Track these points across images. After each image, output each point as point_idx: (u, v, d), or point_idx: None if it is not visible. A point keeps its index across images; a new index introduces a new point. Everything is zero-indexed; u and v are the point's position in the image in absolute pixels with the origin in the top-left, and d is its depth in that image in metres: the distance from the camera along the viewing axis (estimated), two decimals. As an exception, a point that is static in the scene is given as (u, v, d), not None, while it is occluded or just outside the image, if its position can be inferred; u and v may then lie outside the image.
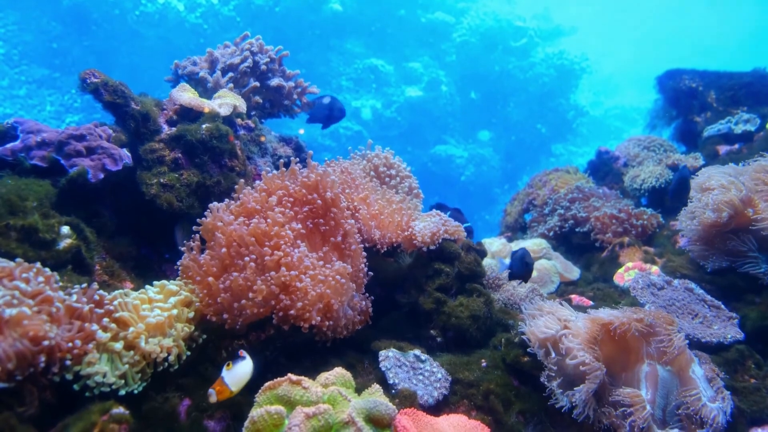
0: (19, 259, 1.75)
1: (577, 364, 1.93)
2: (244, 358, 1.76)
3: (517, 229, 4.63)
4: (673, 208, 3.75)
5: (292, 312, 2.01)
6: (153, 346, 1.82)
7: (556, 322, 2.14)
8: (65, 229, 2.17)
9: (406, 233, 2.67)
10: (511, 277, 3.06)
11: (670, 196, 3.22)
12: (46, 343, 1.56)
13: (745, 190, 2.72)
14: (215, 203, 2.32)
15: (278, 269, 2.04)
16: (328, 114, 3.24)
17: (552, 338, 2.06)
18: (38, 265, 1.77)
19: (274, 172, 2.49)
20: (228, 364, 1.72)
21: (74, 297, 1.77)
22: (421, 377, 2.10)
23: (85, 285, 1.88)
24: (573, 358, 1.96)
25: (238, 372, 1.73)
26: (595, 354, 1.93)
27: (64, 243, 2.12)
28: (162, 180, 2.55)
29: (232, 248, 2.11)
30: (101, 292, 1.89)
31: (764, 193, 2.72)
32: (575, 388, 1.92)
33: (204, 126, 2.72)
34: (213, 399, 1.66)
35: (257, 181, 2.44)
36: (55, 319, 1.64)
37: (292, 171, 2.48)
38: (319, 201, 2.37)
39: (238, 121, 3.08)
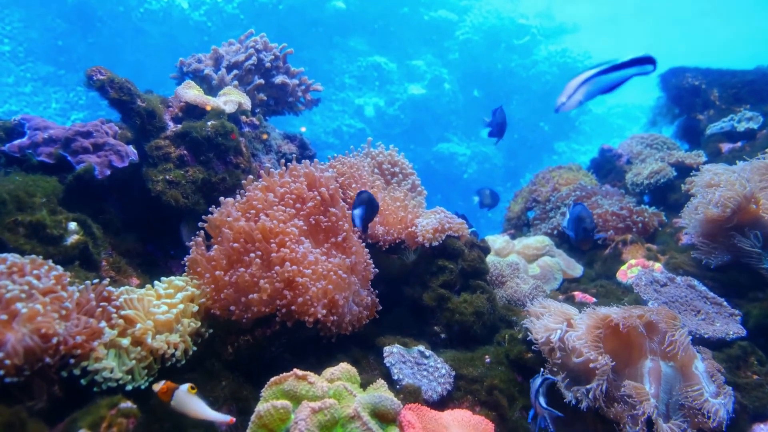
0: (33, 256, 1.77)
1: (584, 362, 1.94)
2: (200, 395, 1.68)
3: (521, 226, 4.63)
4: (676, 205, 3.76)
5: (293, 308, 2.03)
6: (160, 342, 1.84)
7: (561, 320, 2.15)
8: (72, 225, 2.19)
9: (409, 230, 2.68)
10: (566, 237, 2.74)
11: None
12: (55, 339, 1.57)
13: (749, 186, 2.73)
14: (228, 198, 2.34)
15: (283, 265, 2.06)
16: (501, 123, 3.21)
17: (557, 336, 2.08)
18: (50, 262, 1.79)
19: (272, 170, 2.50)
20: (194, 388, 1.66)
21: (83, 294, 1.79)
22: (425, 373, 2.11)
23: (96, 281, 1.90)
24: (578, 355, 1.97)
25: (189, 402, 1.64)
26: (599, 351, 1.95)
27: (72, 239, 2.14)
28: (168, 177, 2.57)
29: (239, 244, 2.13)
30: (110, 288, 1.91)
31: (767, 189, 2.72)
32: (586, 386, 1.93)
33: (209, 123, 2.73)
34: (155, 388, 1.65)
35: (259, 179, 2.45)
36: (65, 315, 1.66)
37: (291, 169, 2.49)
38: (318, 198, 2.39)
39: (243, 118, 3.10)
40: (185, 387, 1.64)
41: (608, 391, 1.96)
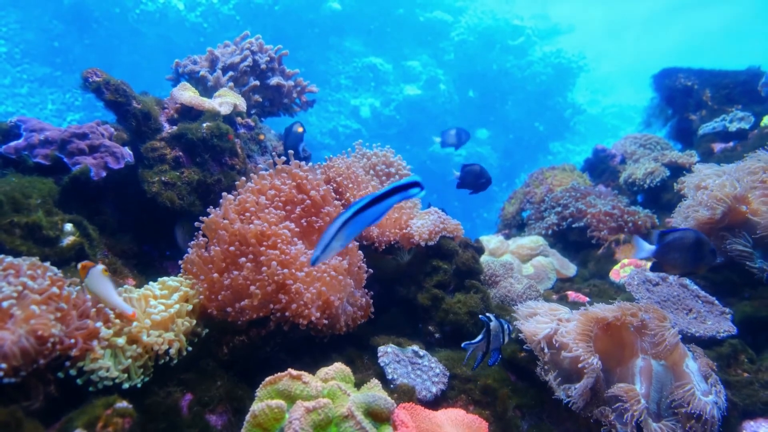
0: (29, 257, 1.78)
1: (573, 359, 1.96)
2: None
3: (515, 226, 4.66)
4: (669, 205, 3.79)
5: (287, 313, 2.04)
6: (155, 338, 1.85)
7: (551, 319, 2.17)
8: (68, 227, 2.20)
9: (404, 231, 2.70)
10: (662, 267, 2.44)
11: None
12: (51, 340, 1.58)
13: (739, 187, 2.76)
14: (229, 195, 2.35)
15: (271, 267, 2.07)
16: (477, 181, 3.17)
17: (547, 335, 2.10)
18: (47, 264, 1.80)
19: (262, 172, 2.51)
20: (106, 271, 1.80)
21: (79, 295, 1.80)
22: (419, 372, 2.13)
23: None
24: (568, 353, 1.99)
25: (100, 283, 1.78)
26: (589, 349, 1.97)
27: (68, 240, 2.15)
28: (163, 178, 2.58)
29: (234, 246, 2.14)
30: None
31: (758, 190, 2.75)
32: (573, 384, 1.95)
33: (205, 125, 2.75)
34: (79, 266, 1.79)
35: (249, 182, 2.47)
36: (61, 316, 1.67)
37: (278, 171, 2.50)
38: (308, 201, 2.40)
39: (239, 119, 3.11)
40: (100, 267, 1.77)
41: (599, 391, 1.98)
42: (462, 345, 2.04)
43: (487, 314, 2.01)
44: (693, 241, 2.34)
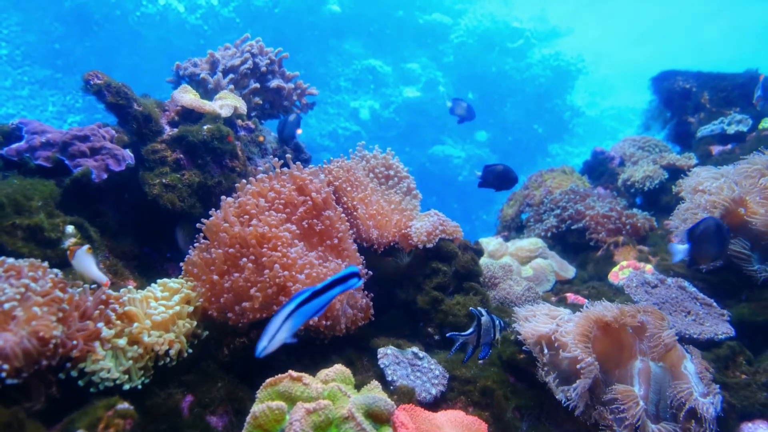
0: (30, 259, 1.79)
1: (571, 360, 1.97)
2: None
3: (514, 228, 4.67)
4: (668, 207, 3.80)
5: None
6: (155, 338, 1.86)
7: (550, 320, 2.18)
8: (70, 229, 2.21)
9: (403, 232, 2.71)
10: (696, 261, 2.52)
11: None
12: (53, 342, 1.59)
13: (737, 189, 2.77)
14: (228, 198, 2.36)
15: (273, 269, 2.08)
16: (500, 180, 3.21)
17: (546, 336, 2.11)
18: (45, 264, 1.81)
19: (260, 175, 2.52)
20: (90, 249, 2.04)
21: (81, 296, 1.81)
22: (419, 374, 2.14)
23: (95, 285, 1.93)
24: (567, 353, 2.00)
25: (83, 260, 1.99)
26: (587, 350, 1.98)
27: (69, 242, 2.16)
28: (164, 180, 2.59)
29: (234, 248, 2.15)
30: (109, 291, 1.93)
31: (755, 192, 2.76)
32: (572, 385, 1.96)
33: (205, 127, 2.76)
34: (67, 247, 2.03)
35: (248, 185, 2.47)
36: (63, 318, 1.68)
37: (277, 174, 2.51)
38: (310, 202, 2.41)
39: (239, 122, 3.12)
40: (85, 247, 2.01)
41: (597, 393, 1.99)
42: (447, 335, 2.05)
43: (479, 308, 2.02)
44: (715, 228, 2.47)
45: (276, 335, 1.44)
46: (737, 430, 2.16)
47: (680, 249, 2.56)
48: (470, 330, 1.99)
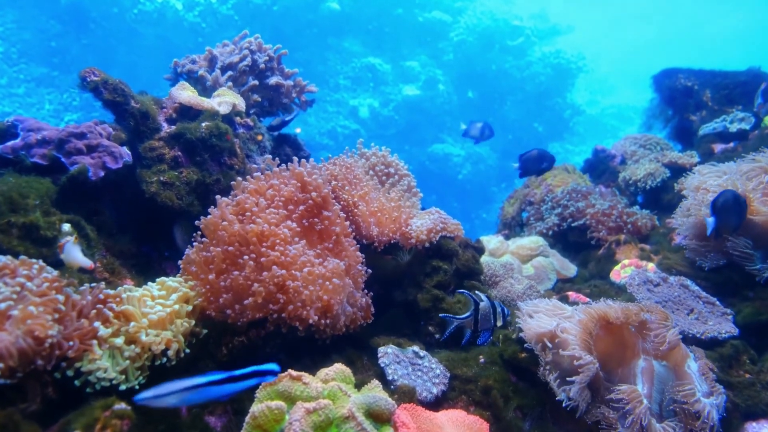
0: (26, 258, 1.76)
1: (572, 358, 1.95)
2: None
3: (515, 227, 4.65)
4: (670, 205, 3.78)
5: (284, 314, 2.03)
6: (153, 337, 1.84)
7: (552, 318, 2.16)
8: (66, 227, 2.18)
9: (403, 230, 2.69)
10: (720, 232, 2.65)
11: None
12: (49, 341, 1.57)
13: (740, 187, 2.75)
14: (223, 198, 2.33)
15: (271, 268, 2.06)
16: (538, 165, 3.22)
17: (548, 334, 2.08)
18: (40, 262, 1.79)
19: (257, 174, 2.49)
20: (77, 239, 2.11)
21: (78, 295, 1.79)
22: (419, 373, 2.12)
23: (94, 284, 1.90)
24: (567, 351, 1.98)
25: (71, 251, 2.04)
26: (588, 347, 1.95)
27: (65, 240, 2.13)
28: (162, 178, 2.57)
29: (233, 246, 2.13)
30: (107, 290, 1.90)
31: (758, 191, 2.74)
32: (573, 382, 1.94)
33: (203, 124, 2.73)
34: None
35: (246, 183, 2.45)
36: (59, 317, 1.65)
37: (275, 172, 2.48)
38: (310, 201, 2.39)
39: (237, 119, 3.10)
40: (72, 238, 2.07)
41: (601, 392, 1.97)
42: (440, 315, 2.01)
43: (477, 293, 1.98)
44: (733, 200, 2.58)
45: (164, 397, 1.37)
46: (741, 429, 2.14)
47: (710, 222, 2.63)
48: (467, 314, 1.95)
